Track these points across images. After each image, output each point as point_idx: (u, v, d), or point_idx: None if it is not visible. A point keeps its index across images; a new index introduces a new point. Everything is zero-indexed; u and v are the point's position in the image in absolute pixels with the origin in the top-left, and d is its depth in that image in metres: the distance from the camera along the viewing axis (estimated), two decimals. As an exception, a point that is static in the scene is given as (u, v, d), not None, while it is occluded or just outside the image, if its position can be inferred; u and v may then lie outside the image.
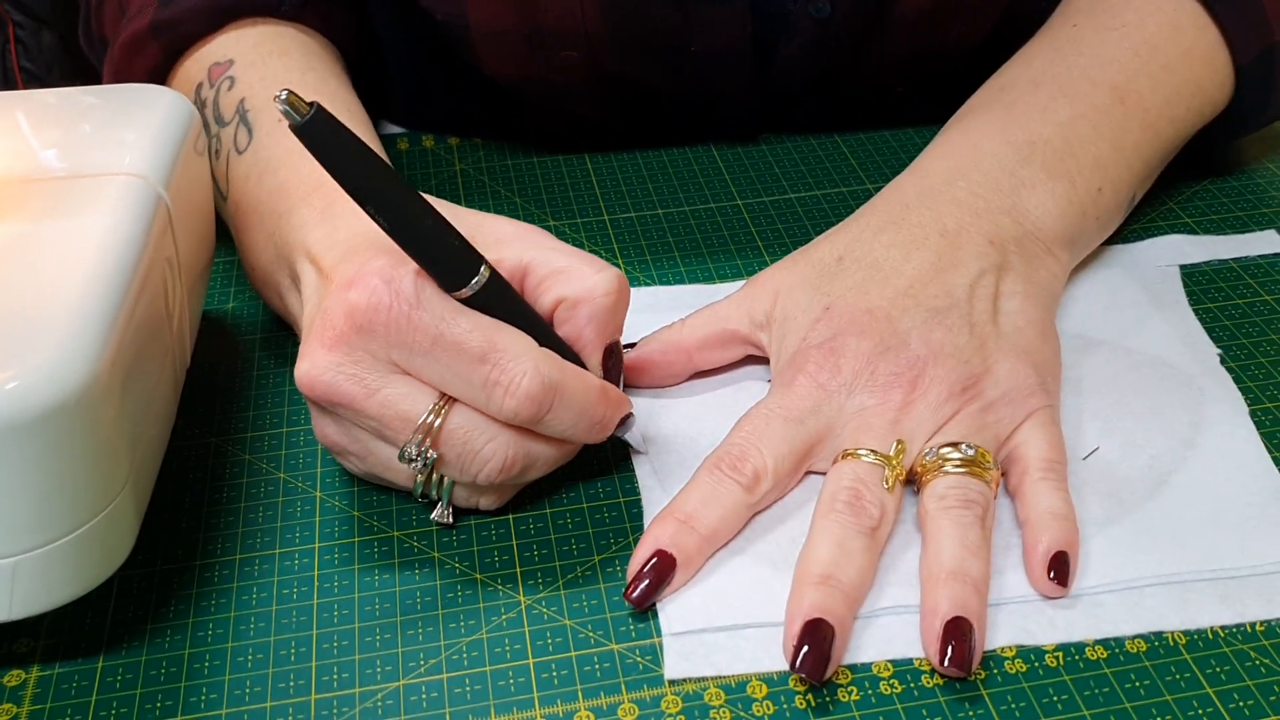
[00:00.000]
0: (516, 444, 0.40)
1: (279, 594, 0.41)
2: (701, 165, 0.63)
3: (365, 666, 0.39)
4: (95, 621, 0.40)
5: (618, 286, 0.42)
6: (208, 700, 0.38)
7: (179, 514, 0.44)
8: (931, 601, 0.39)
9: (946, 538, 0.40)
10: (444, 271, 0.39)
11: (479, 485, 0.42)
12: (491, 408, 0.39)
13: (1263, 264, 0.55)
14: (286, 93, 0.36)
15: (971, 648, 0.38)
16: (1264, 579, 0.41)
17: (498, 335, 0.39)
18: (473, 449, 0.40)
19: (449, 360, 0.39)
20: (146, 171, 0.42)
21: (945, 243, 0.47)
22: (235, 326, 0.53)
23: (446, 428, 0.40)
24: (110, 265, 0.38)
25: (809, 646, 0.37)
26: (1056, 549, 0.40)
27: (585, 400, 0.41)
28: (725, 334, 0.48)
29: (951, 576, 0.39)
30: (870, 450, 0.42)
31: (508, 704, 0.38)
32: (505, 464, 0.40)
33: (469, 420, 0.40)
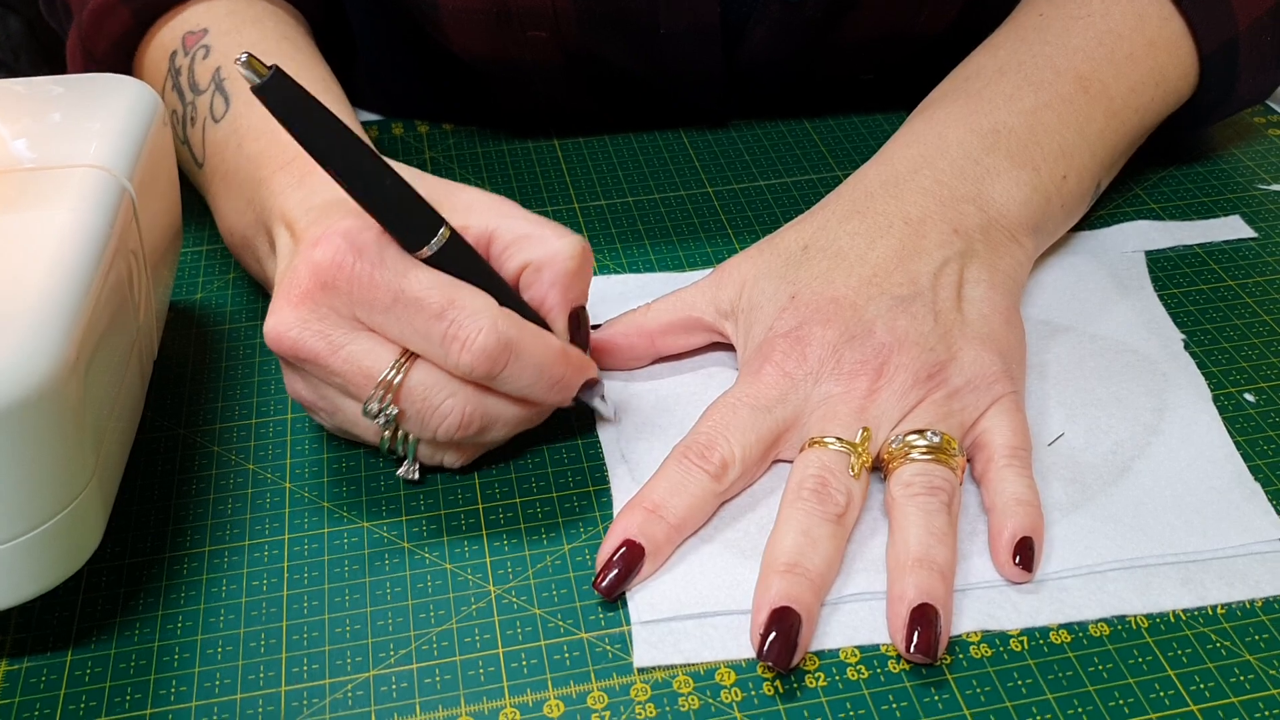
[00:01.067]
0: (475, 400, 0.41)
1: (249, 586, 0.41)
2: (671, 152, 0.63)
3: (335, 657, 0.39)
4: (63, 615, 0.40)
5: (580, 251, 0.43)
6: (177, 693, 0.38)
7: (147, 507, 0.44)
8: (898, 588, 0.39)
9: (913, 525, 0.40)
10: (404, 230, 0.40)
11: (441, 442, 0.43)
12: (449, 363, 0.40)
13: (1227, 249, 0.55)
14: (246, 55, 0.37)
15: (937, 634, 0.38)
16: (1225, 562, 0.41)
17: (457, 292, 0.40)
18: (432, 405, 0.41)
19: (408, 316, 0.40)
20: (110, 163, 0.42)
21: (909, 231, 0.47)
22: (203, 317, 0.52)
23: (407, 384, 0.41)
24: (73, 258, 0.38)
25: (776, 634, 0.38)
26: (1021, 534, 0.41)
27: (543, 358, 0.41)
28: (690, 320, 0.48)
29: (918, 563, 0.39)
30: (836, 438, 0.42)
31: (478, 693, 0.38)
32: (464, 420, 0.41)
33: (429, 376, 0.41)
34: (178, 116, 0.52)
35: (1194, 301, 0.52)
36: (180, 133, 0.52)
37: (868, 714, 0.37)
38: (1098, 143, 0.53)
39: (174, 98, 0.53)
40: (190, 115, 0.52)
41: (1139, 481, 0.44)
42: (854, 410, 0.43)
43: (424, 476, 0.44)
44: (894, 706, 0.37)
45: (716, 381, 0.48)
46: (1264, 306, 0.52)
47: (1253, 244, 0.56)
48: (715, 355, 0.50)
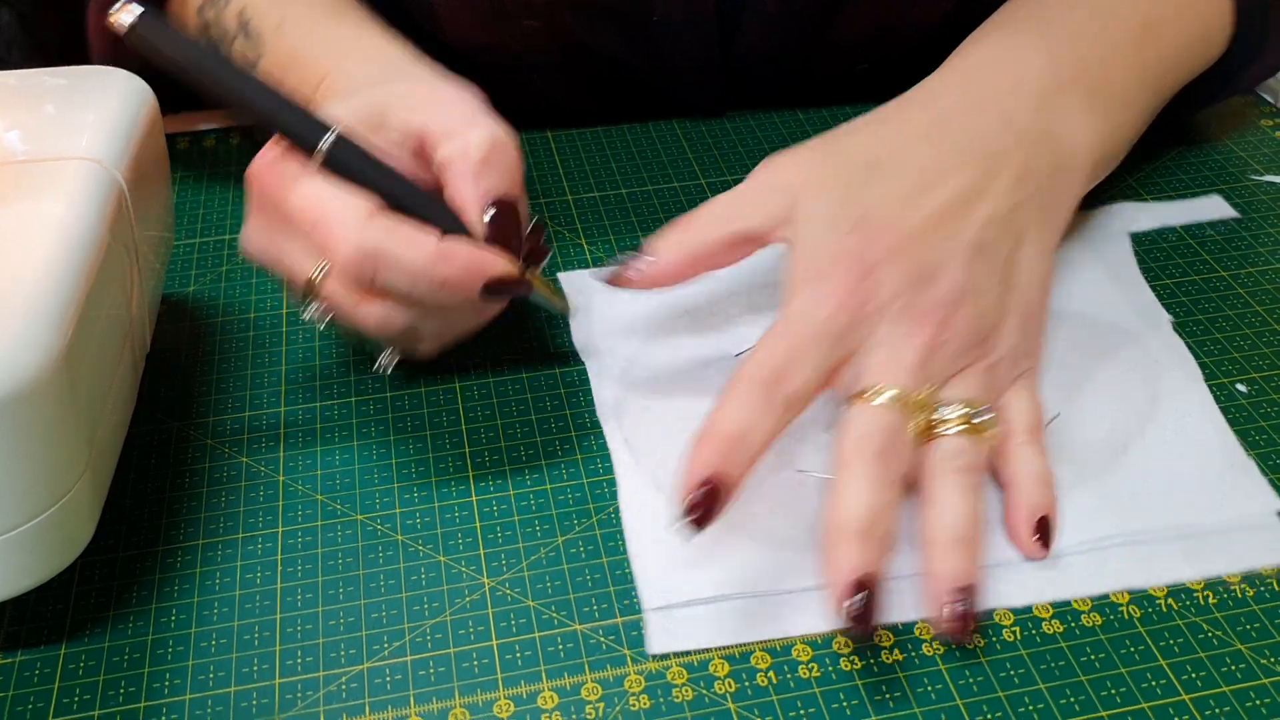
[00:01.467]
0: (383, 305, 0.42)
1: (242, 579, 0.41)
2: (665, 144, 0.63)
3: (329, 650, 0.39)
4: (57, 609, 0.40)
5: (491, 141, 0.42)
6: (171, 686, 0.38)
7: (141, 500, 0.44)
8: (939, 566, 0.39)
9: (950, 502, 0.40)
10: (294, 140, 0.42)
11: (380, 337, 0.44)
12: (331, 272, 0.42)
13: (1219, 239, 0.55)
14: (121, 2, 0.40)
15: (975, 613, 0.38)
16: (1225, 535, 0.42)
17: (328, 204, 0.41)
18: (350, 306, 0.42)
19: (290, 229, 0.42)
20: (102, 156, 0.42)
21: (983, 168, 0.45)
22: (196, 310, 0.52)
23: (324, 289, 0.42)
24: (65, 251, 0.38)
25: (860, 603, 0.37)
26: (1042, 512, 0.41)
27: (414, 263, 0.41)
28: (739, 235, 0.45)
29: (956, 543, 0.39)
30: (894, 391, 0.40)
31: (472, 685, 0.38)
32: (381, 322, 0.42)
33: (339, 282, 0.42)
34: None
35: (1186, 292, 0.53)
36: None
37: (860, 705, 0.37)
38: (1151, 92, 0.52)
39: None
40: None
41: (1137, 459, 0.44)
42: (916, 361, 0.41)
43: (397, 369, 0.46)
44: (887, 697, 0.37)
45: (717, 370, 0.48)
46: (1256, 297, 0.52)
47: (1245, 235, 0.56)
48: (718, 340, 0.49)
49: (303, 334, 0.51)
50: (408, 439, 0.46)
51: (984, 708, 0.37)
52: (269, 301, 0.53)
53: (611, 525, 0.43)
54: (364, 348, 0.45)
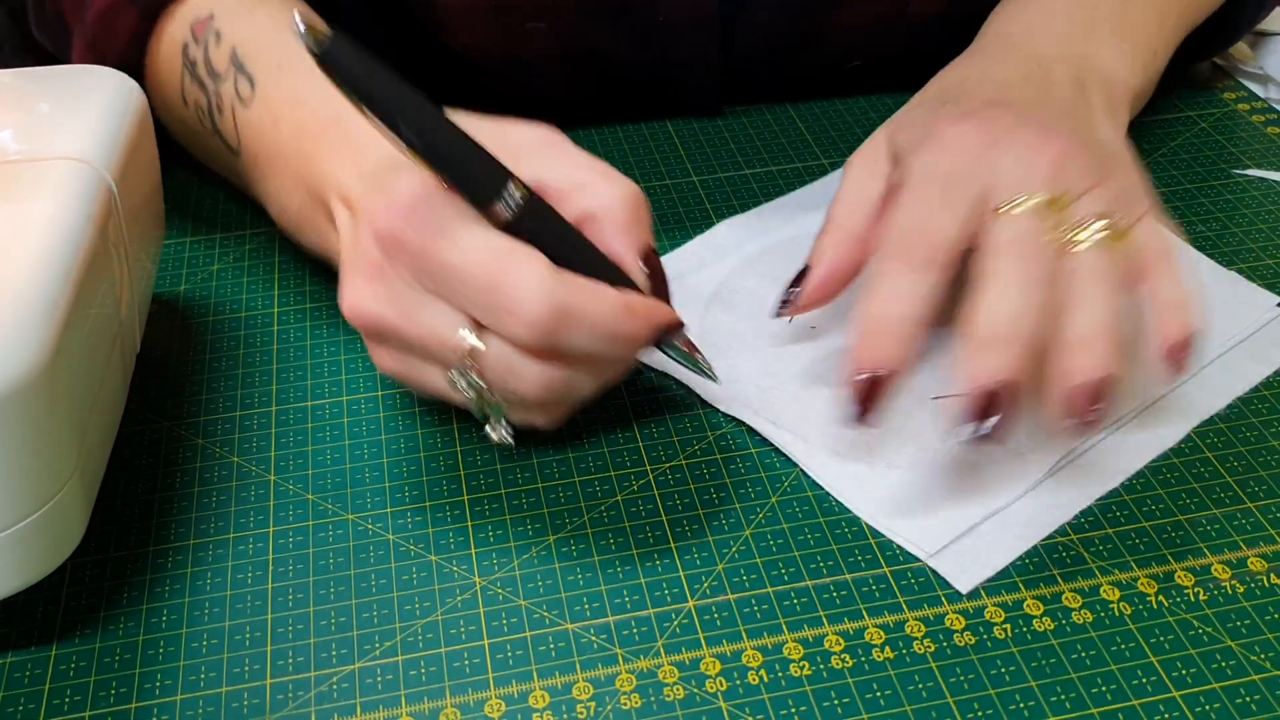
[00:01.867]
0: (550, 367, 0.40)
1: (233, 579, 0.41)
2: (658, 141, 0.63)
3: (320, 650, 0.39)
4: (47, 610, 0.40)
5: (634, 194, 0.42)
6: (162, 687, 0.38)
7: (131, 500, 0.44)
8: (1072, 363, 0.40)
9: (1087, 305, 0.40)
10: (471, 190, 0.39)
11: (522, 405, 0.42)
12: (505, 334, 0.39)
13: (1200, 226, 0.56)
14: (305, 22, 0.36)
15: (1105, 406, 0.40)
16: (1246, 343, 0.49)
17: (508, 260, 0.39)
18: (511, 371, 0.40)
19: (461, 288, 0.39)
20: (90, 155, 0.41)
21: (1041, 73, 0.49)
22: (187, 309, 0.52)
23: (485, 352, 0.40)
24: (53, 252, 0.38)
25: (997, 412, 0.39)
26: (1179, 337, 0.42)
27: (603, 317, 0.39)
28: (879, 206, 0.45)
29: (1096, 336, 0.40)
30: (1032, 199, 0.41)
31: (463, 685, 0.38)
32: (543, 386, 0.40)
33: (504, 344, 0.40)
34: (203, 109, 0.51)
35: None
36: (209, 124, 0.51)
37: (851, 703, 0.37)
38: (1171, 31, 0.56)
39: (195, 90, 0.51)
40: (216, 104, 0.50)
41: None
42: (1049, 173, 0.42)
43: (518, 443, 0.43)
44: (877, 695, 0.37)
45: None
46: (1247, 293, 0.52)
47: (1236, 231, 0.56)
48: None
49: (293, 333, 0.51)
50: (399, 438, 0.46)
51: (975, 705, 0.37)
52: (260, 300, 0.52)
53: (603, 524, 0.43)
54: (477, 417, 0.42)
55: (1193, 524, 0.43)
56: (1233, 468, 0.45)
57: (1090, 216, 0.42)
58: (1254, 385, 0.48)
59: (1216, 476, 0.44)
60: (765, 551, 0.42)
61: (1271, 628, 0.39)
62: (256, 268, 0.54)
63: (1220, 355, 0.49)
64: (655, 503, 0.43)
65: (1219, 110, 0.64)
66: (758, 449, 0.46)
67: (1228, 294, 0.52)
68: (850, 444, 0.45)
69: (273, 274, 0.54)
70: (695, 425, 0.46)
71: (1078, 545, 0.42)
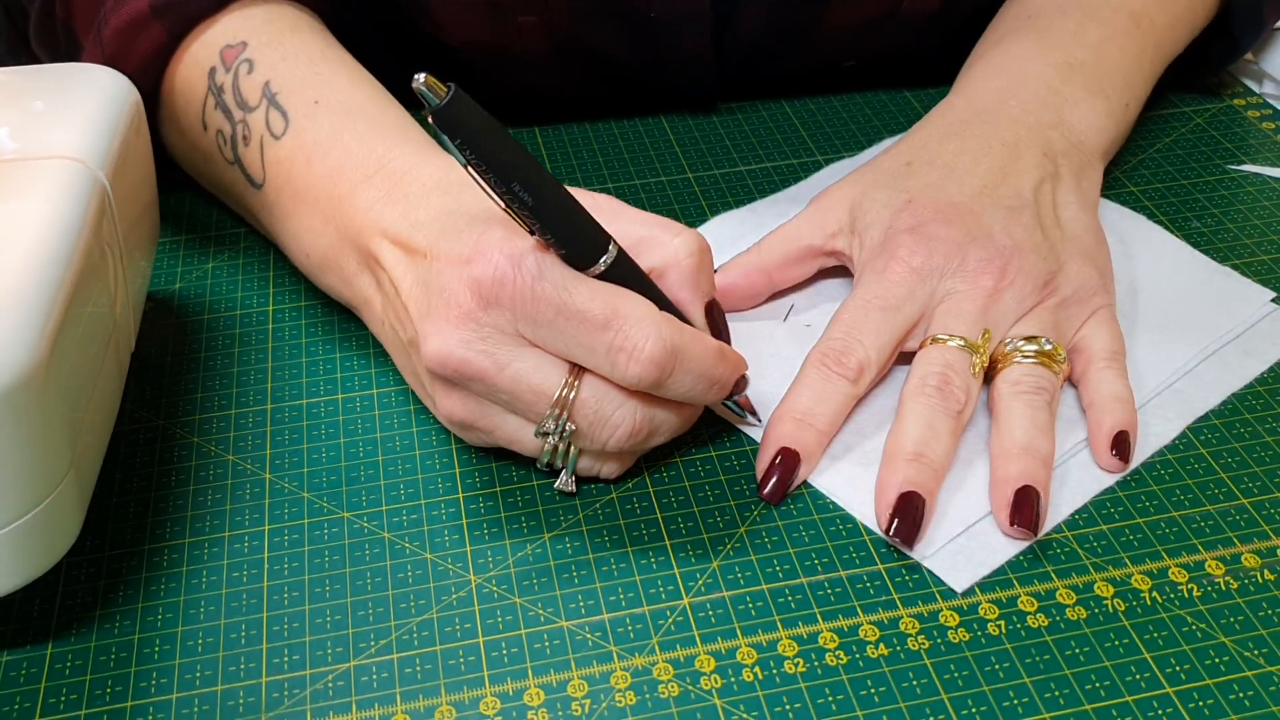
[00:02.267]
0: (643, 410, 0.41)
1: (229, 577, 0.41)
2: (653, 138, 0.63)
3: (316, 648, 0.39)
4: (43, 608, 0.40)
5: (700, 247, 0.43)
6: (158, 685, 0.38)
7: (126, 499, 0.44)
8: (1003, 472, 0.42)
9: (1018, 417, 0.43)
10: (576, 249, 0.39)
11: (604, 453, 0.42)
12: (616, 374, 0.39)
13: (1195, 222, 0.56)
14: (425, 76, 0.36)
15: (1039, 513, 0.41)
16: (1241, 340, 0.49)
17: (620, 302, 0.39)
18: (603, 417, 0.40)
19: (572, 330, 0.39)
20: (84, 154, 0.41)
21: (1007, 152, 0.50)
22: (182, 308, 0.52)
23: (579, 398, 0.40)
24: (46, 250, 0.37)
25: (901, 517, 0.41)
26: (1119, 428, 0.44)
27: (705, 361, 0.41)
28: (801, 251, 0.50)
29: (1023, 451, 0.42)
30: (958, 337, 0.45)
31: (458, 683, 0.38)
32: (633, 430, 0.41)
33: (599, 390, 0.40)
34: (224, 137, 0.50)
35: (1172, 285, 0.53)
36: (229, 153, 0.50)
37: (845, 700, 0.37)
38: (1149, 72, 0.57)
39: (219, 117, 0.50)
40: (243, 134, 0.49)
41: (1152, 296, 0.51)
42: (978, 309, 0.45)
43: (579, 488, 0.44)
44: (872, 692, 0.38)
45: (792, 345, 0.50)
46: (1242, 289, 0.52)
47: (1231, 227, 0.56)
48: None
49: (289, 331, 0.51)
50: (394, 436, 0.46)
51: (969, 702, 0.37)
52: (255, 299, 0.52)
53: (598, 521, 0.43)
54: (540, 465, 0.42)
55: (1186, 520, 0.43)
56: (1227, 464, 0.45)
57: (1018, 343, 0.45)
58: (1249, 381, 0.48)
59: (1211, 473, 0.44)
60: (760, 549, 0.42)
61: (1265, 623, 0.39)
62: (251, 266, 0.54)
63: (1216, 351, 0.49)
64: (650, 500, 0.44)
65: (1215, 106, 0.64)
66: (751, 447, 0.46)
67: (1223, 290, 0.52)
68: (844, 445, 0.45)
69: (268, 272, 0.54)
70: (690, 422, 0.46)
71: (1072, 542, 0.42)
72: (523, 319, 0.39)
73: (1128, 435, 0.44)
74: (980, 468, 0.44)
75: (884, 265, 0.47)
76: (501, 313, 0.39)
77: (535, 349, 0.40)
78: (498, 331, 0.40)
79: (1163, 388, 0.47)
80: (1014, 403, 0.44)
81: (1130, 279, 0.52)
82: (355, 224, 0.45)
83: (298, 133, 0.48)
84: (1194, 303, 0.51)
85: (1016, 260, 0.46)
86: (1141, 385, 0.47)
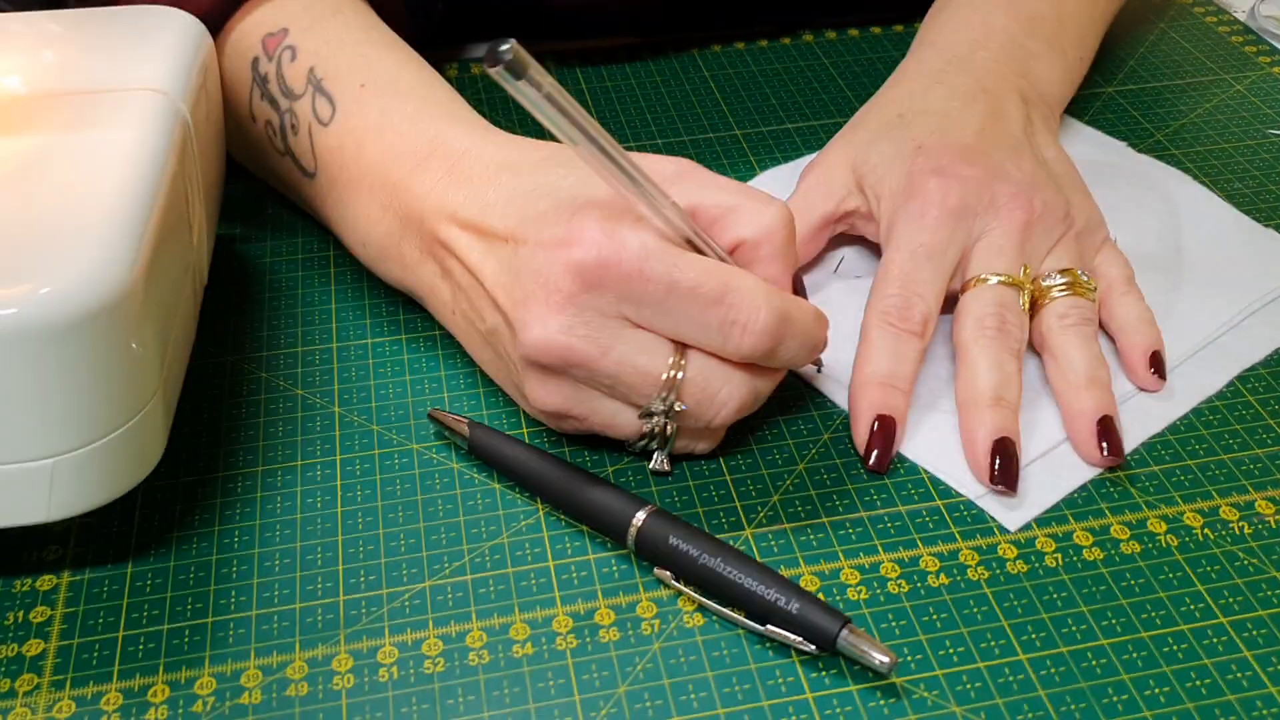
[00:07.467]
0: (749, 383, 0.40)
1: (303, 503, 0.42)
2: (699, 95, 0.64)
3: (391, 569, 0.40)
4: (122, 530, 0.41)
5: (788, 218, 0.41)
6: (237, 603, 0.39)
7: (198, 428, 0.45)
8: (1078, 405, 0.44)
9: (1076, 349, 0.45)
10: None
11: (702, 430, 0.42)
12: (729, 348, 0.39)
13: (1238, 183, 0.56)
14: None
15: (1120, 439, 0.43)
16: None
17: (728, 275, 0.39)
18: (710, 394, 0.40)
19: (684, 306, 0.38)
20: (166, 87, 0.42)
21: (989, 98, 0.51)
22: (244, 250, 0.53)
23: (687, 377, 0.39)
24: (137, 177, 0.38)
25: (1001, 466, 0.42)
26: (1153, 348, 0.46)
27: (809, 326, 0.41)
28: (816, 224, 0.50)
29: (1091, 382, 0.44)
30: (1001, 274, 0.45)
31: (530, 603, 0.39)
32: (740, 404, 0.41)
33: (706, 366, 0.40)
34: (273, 127, 0.49)
35: (1217, 242, 0.54)
36: (279, 144, 0.49)
37: (909, 625, 0.38)
38: (1101, 25, 0.59)
39: (265, 108, 0.49)
40: (290, 123, 0.48)
41: (1196, 253, 0.52)
42: (1015, 245, 0.46)
43: (673, 466, 0.43)
44: (934, 618, 0.39)
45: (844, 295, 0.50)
46: None
47: (1275, 189, 0.57)
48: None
49: (350, 274, 0.52)
50: (458, 375, 0.47)
51: (1029, 628, 0.38)
52: (315, 244, 0.53)
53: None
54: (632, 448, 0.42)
55: (1236, 463, 0.44)
56: (1275, 410, 0.46)
57: (1055, 277, 0.46)
58: None
59: (1258, 419, 0.45)
60: (819, 485, 0.43)
61: (1315, 560, 0.40)
62: (311, 212, 0.55)
63: (1261, 308, 0.50)
64: (711, 437, 0.44)
65: (1254, 74, 0.65)
66: (807, 388, 0.47)
67: (1265, 250, 0.53)
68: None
69: (327, 218, 0.55)
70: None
71: (1124, 481, 0.43)
72: (628, 300, 0.38)
73: (1161, 353, 0.46)
74: (1029, 408, 0.45)
75: (920, 210, 0.47)
76: (604, 295, 0.38)
77: (637, 330, 0.39)
78: (599, 315, 0.39)
79: (1208, 341, 0.48)
80: (1067, 336, 0.45)
81: (1175, 236, 0.53)
82: (416, 209, 0.43)
83: (346, 117, 0.47)
84: (1237, 262, 0.52)
85: (1040, 194, 0.47)
86: (1187, 339, 0.48)
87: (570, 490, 0.41)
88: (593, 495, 0.41)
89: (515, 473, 0.42)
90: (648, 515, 0.40)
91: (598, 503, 0.41)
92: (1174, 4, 0.72)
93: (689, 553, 0.39)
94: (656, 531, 0.39)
